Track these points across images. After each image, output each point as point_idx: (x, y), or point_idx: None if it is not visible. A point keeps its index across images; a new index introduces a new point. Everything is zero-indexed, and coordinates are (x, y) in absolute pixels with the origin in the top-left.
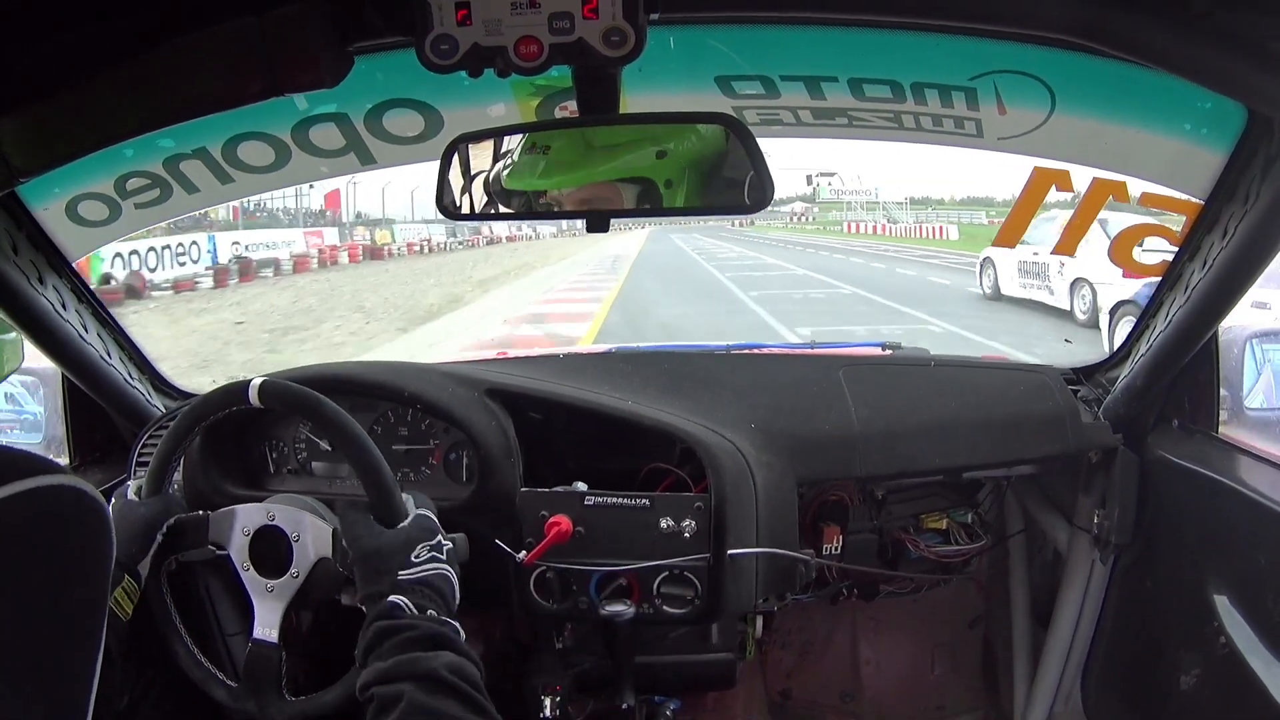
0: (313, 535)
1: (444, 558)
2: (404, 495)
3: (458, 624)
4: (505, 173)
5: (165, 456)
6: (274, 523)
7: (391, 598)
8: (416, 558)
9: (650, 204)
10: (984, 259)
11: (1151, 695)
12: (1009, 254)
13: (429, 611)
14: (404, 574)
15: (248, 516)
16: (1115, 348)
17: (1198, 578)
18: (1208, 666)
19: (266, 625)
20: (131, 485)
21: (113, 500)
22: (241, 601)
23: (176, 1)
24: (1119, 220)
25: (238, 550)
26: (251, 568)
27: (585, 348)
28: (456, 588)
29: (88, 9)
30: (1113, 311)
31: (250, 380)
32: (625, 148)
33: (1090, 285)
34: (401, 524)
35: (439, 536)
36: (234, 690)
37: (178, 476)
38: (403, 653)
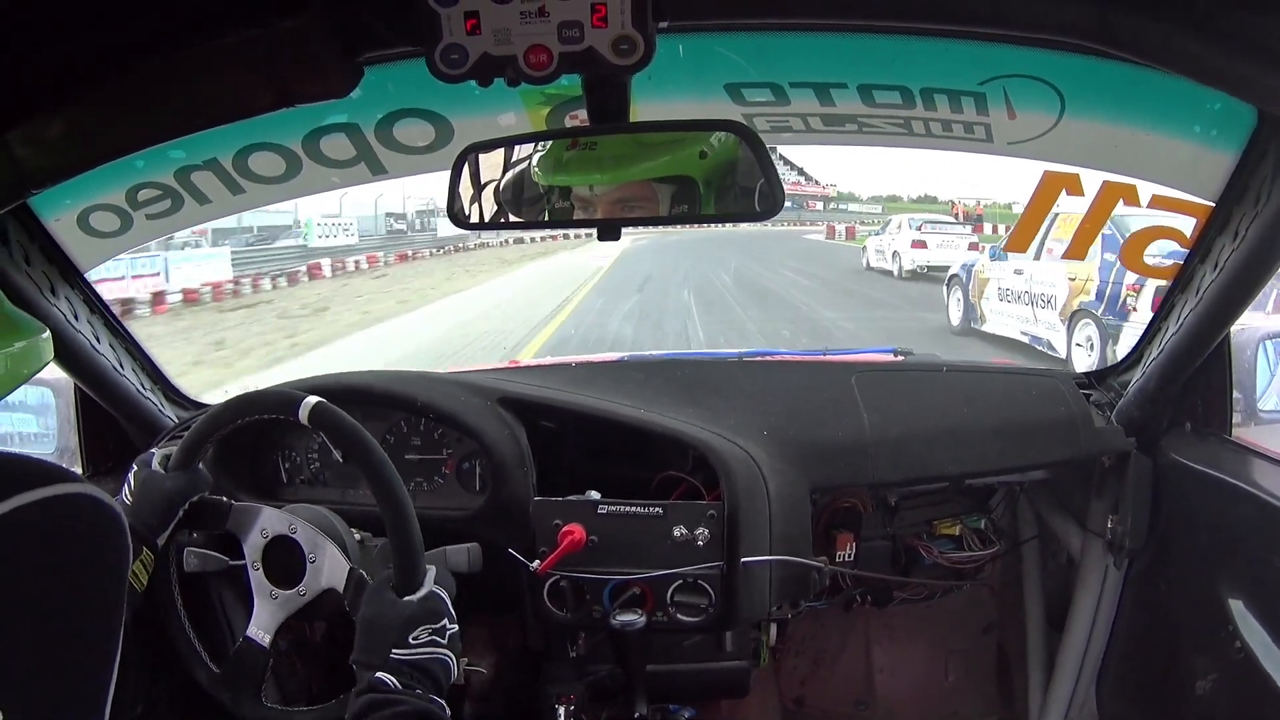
0: (329, 565)
1: (444, 643)
2: (427, 567)
3: (444, 704)
4: (546, 169)
5: (203, 436)
6: (294, 536)
7: (379, 674)
8: (415, 639)
9: (686, 204)
10: (952, 276)
11: (1167, 701)
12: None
13: (417, 692)
14: (398, 653)
15: (269, 520)
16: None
17: (1212, 582)
18: (1223, 671)
19: (261, 628)
20: (157, 455)
21: (134, 468)
22: (250, 603)
23: (187, 13)
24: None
25: (252, 548)
26: (261, 569)
27: (597, 356)
28: (453, 671)
29: (99, 21)
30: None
31: (304, 397)
32: (669, 146)
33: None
34: (411, 598)
35: (445, 620)
36: (214, 676)
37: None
38: None
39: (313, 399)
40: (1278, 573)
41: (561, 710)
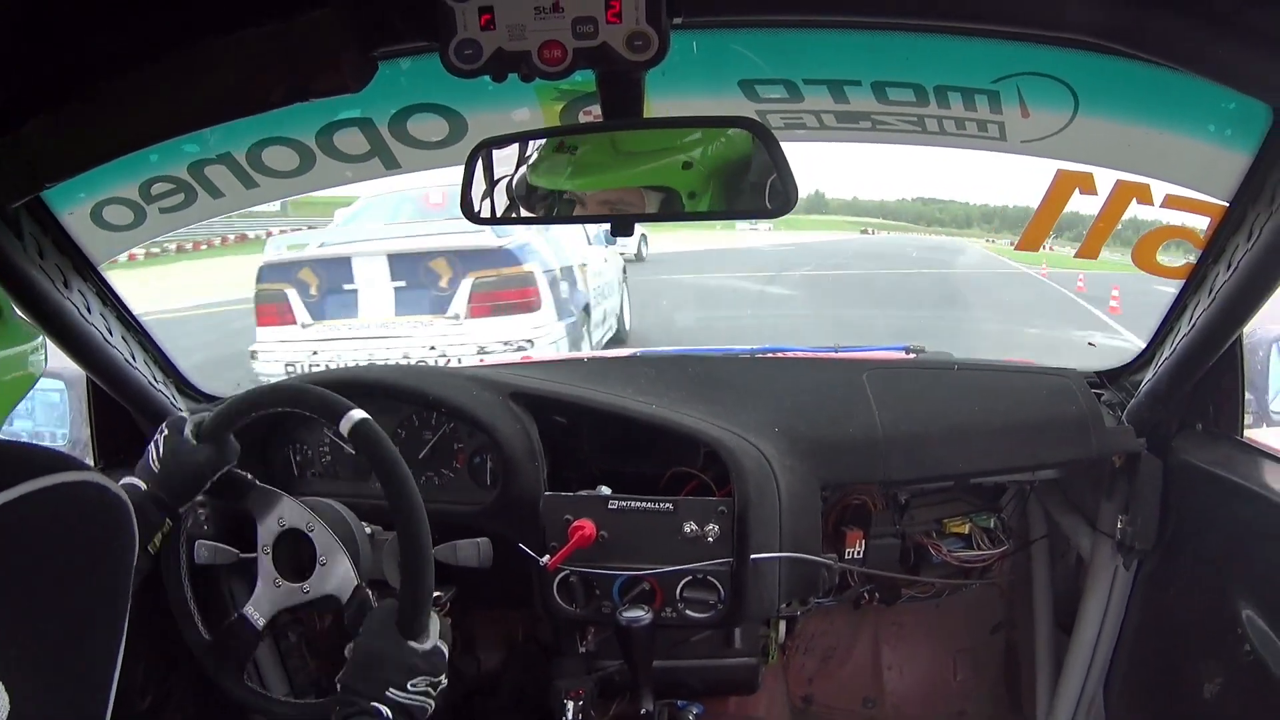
0: (339, 573)
1: (434, 695)
2: (435, 620)
3: None
4: (531, 170)
5: (242, 411)
6: (310, 534)
7: (374, 704)
8: (412, 685)
9: (673, 211)
10: None
11: (1174, 703)
12: None
13: None
14: (394, 694)
15: (288, 510)
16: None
17: (1222, 584)
18: (1231, 674)
19: (258, 610)
20: (189, 421)
21: (165, 430)
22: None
23: (201, 7)
24: None
25: (266, 533)
26: (270, 556)
27: (609, 351)
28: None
29: (112, 16)
30: None
31: (349, 410)
32: (651, 155)
33: None
34: (415, 645)
35: (441, 677)
36: (203, 642)
37: None
38: None
39: (357, 414)
40: None
41: (570, 705)
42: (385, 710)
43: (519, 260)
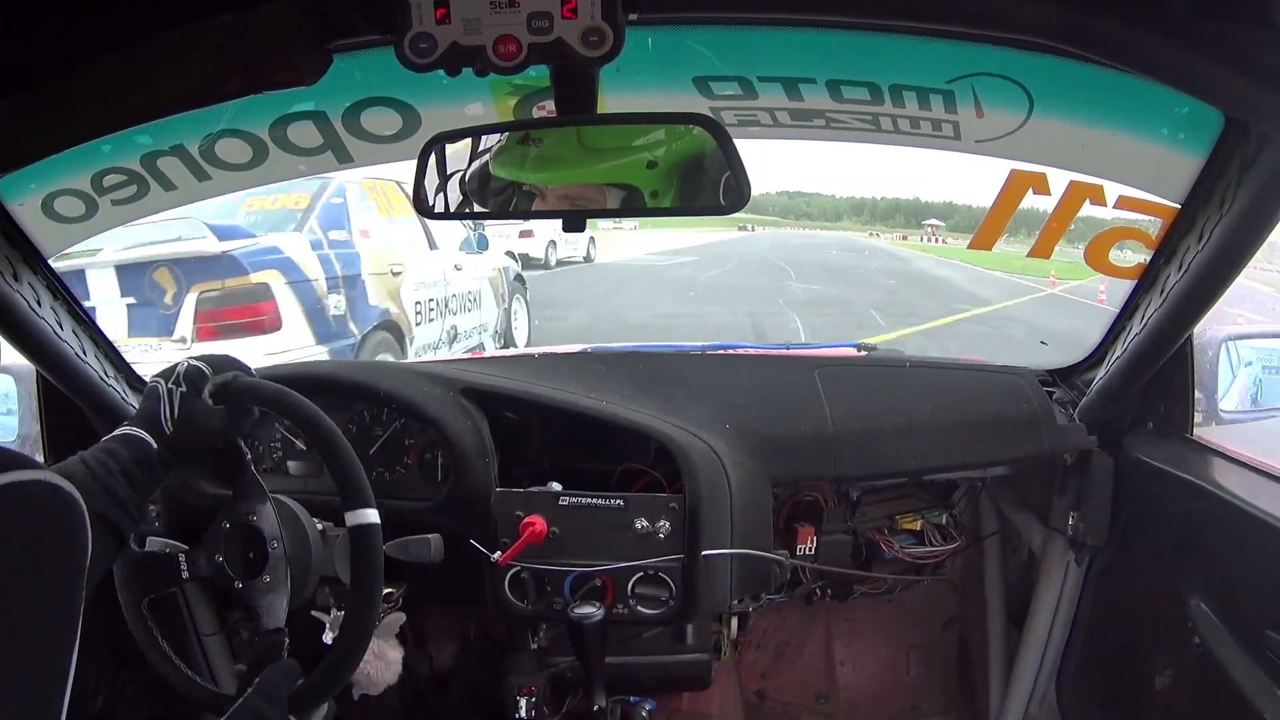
0: (276, 604)
1: None
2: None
3: None
4: (492, 160)
5: (276, 404)
6: (271, 550)
7: None
8: None
9: (633, 207)
10: None
11: (1126, 695)
12: None
13: None
14: None
15: (262, 515)
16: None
17: (1172, 579)
18: (1182, 667)
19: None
20: (212, 380)
21: (182, 386)
22: (215, 604)
23: None
24: None
25: (227, 522)
26: (222, 559)
27: (560, 348)
28: None
29: (65, 5)
30: None
31: (362, 507)
32: (617, 153)
33: None
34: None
35: None
36: (191, 682)
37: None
38: None
39: (368, 515)
40: (1236, 570)
41: (523, 702)
42: None
43: (246, 269)
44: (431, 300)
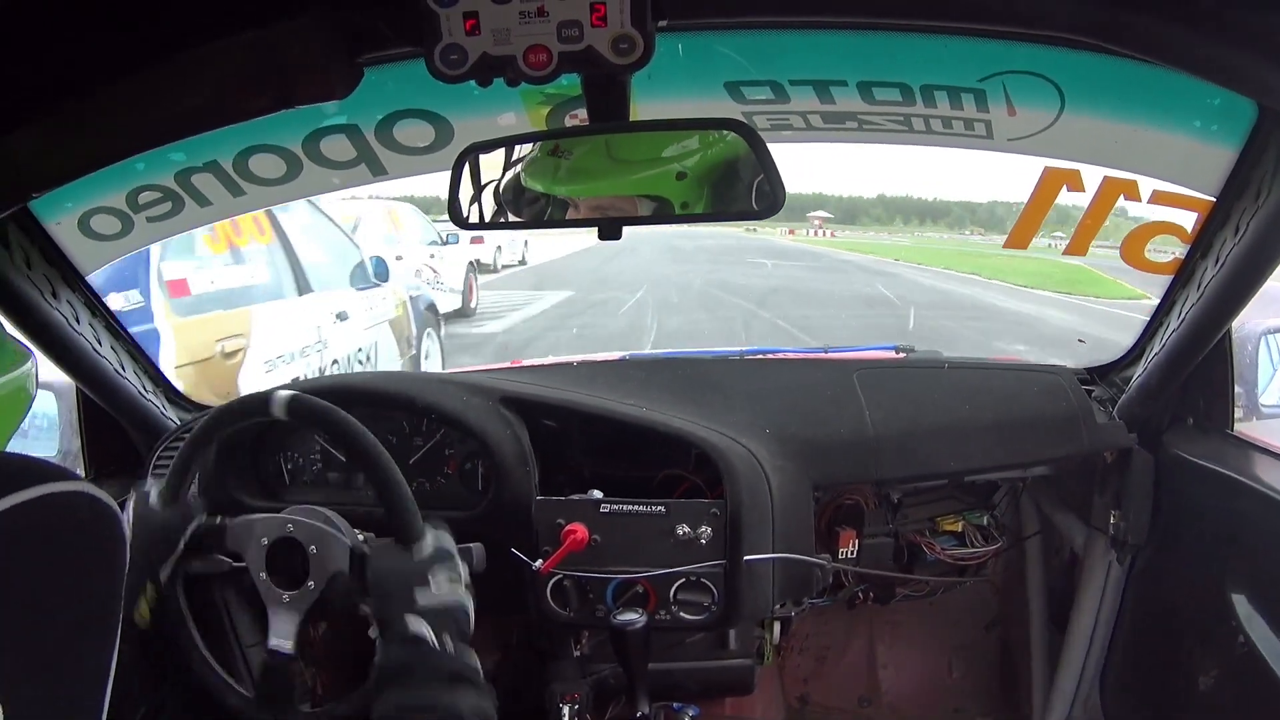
0: (330, 549)
1: (461, 584)
2: (424, 522)
3: (476, 658)
4: (523, 172)
5: (185, 463)
6: (291, 535)
7: (412, 625)
8: (435, 581)
9: (664, 215)
10: None
11: (1170, 697)
12: None
13: (448, 643)
14: (424, 598)
15: (266, 527)
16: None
17: (1215, 577)
18: (1227, 667)
19: (281, 636)
20: (153, 489)
21: (131, 502)
22: (259, 612)
23: (185, 15)
24: None
25: (254, 559)
26: (267, 578)
27: (599, 355)
28: (472, 616)
29: (96, 22)
30: None
31: (273, 392)
32: (646, 165)
33: None
34: (418, 546)
35: (456, 560)
36: (249, 700)
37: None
38: (424, 687)
39: (285, 393)
40: None
41: (566, 709)
42: (423, 628)
43: None
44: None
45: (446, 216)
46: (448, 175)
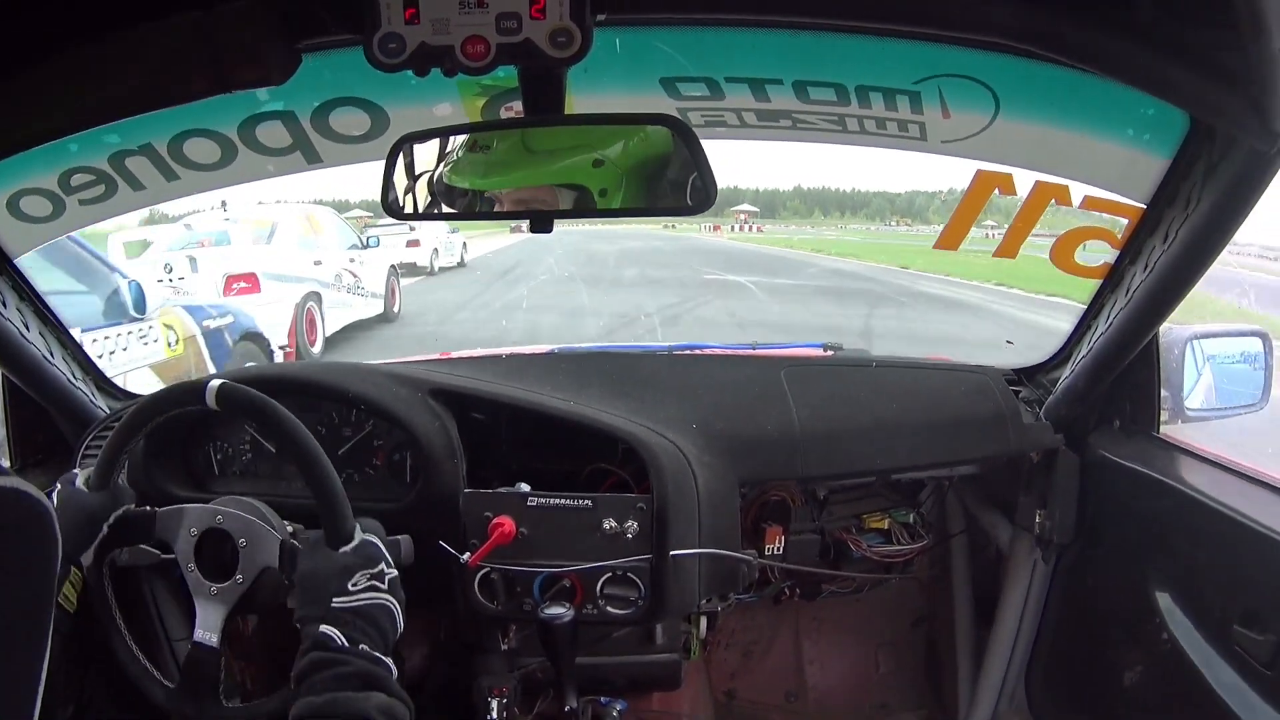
0: (260, 543)
1: (385, 588)
2: (356, 521)
3: (391, 661)
4: (448, 169)
5: (114, 450)
6: (221, 526)
7: (323, 627)
8: (354, 586)
9: (586, 207)
10: None
11: (1095, 691)
12: None
13: (361, 645)
14: (339, 601)
15: (195, 517)
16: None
17: (1139, 575)
18: (1150, 662)
19: (207, 628)
20: (80, 475)
21: (58, 488)
22: (186, 605)
23: None
24: None
25: (183, 550)
26: (195, 569)
27: (528, 348)
28: (398, 619)
29: (31, 1)
30: None
31: (207, 381)
32: (562, 153)
33: None
34: (345, 549)
35: (382, 565)
36: (170, 691)
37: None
38: (335, 689)
39: (216, 381)
40: (1202, 566)
41: (494, 703)
42: (333, 632)
43: None
44: None
45: (357, 214)
46: (380, 165)
